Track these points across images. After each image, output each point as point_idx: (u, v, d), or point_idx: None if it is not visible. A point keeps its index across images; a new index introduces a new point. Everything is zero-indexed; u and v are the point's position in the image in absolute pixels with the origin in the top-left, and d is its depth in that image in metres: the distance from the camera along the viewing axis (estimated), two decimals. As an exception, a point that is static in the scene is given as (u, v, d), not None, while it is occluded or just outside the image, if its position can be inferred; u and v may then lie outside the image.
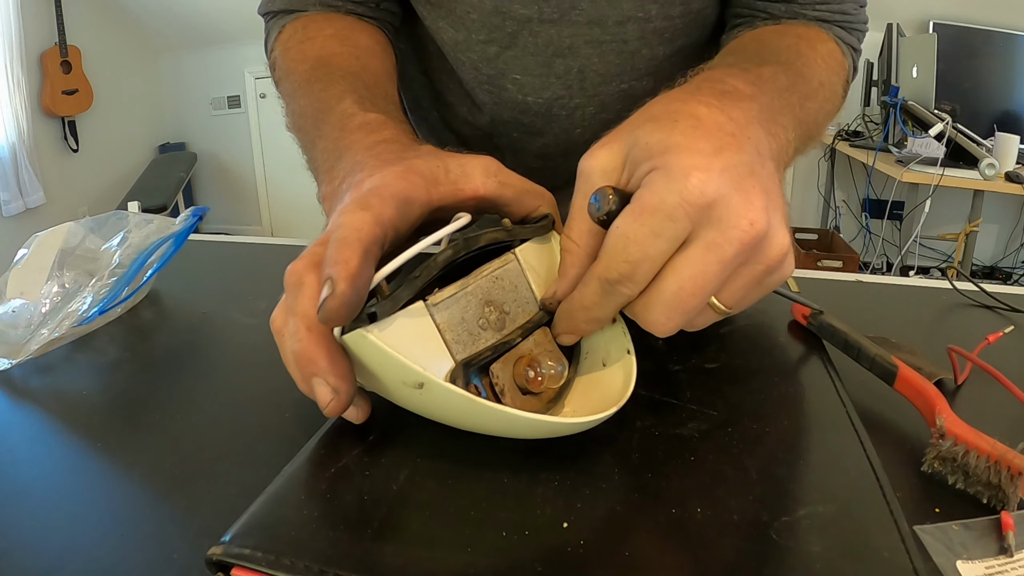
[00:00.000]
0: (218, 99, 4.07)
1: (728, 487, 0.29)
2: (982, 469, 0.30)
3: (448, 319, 0.32)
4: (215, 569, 0.25)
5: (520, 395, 0.33)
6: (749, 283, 0.30)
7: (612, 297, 0.30)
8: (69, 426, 0.38)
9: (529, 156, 0.64)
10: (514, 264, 0.35)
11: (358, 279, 0.27)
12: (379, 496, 0.28)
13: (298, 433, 0.34)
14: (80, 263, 0.52)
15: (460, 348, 0.32)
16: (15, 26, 3.10)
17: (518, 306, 0.35)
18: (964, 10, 2.89)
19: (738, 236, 0.27)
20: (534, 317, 0.35)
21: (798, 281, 0.56)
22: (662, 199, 0.27)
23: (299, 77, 0.48)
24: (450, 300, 0.32)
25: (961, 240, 2.56)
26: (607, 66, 0.57)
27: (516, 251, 0.35)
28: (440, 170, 0.33)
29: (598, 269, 0.30)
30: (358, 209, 0.29)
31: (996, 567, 0.27)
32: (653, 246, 0.28)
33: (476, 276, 0.33)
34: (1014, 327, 0.48)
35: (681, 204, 0.27)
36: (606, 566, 0.25)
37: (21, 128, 3.22)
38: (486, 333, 0.33)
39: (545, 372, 0.33)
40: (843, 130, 3.14)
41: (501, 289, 0.34)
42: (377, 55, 0.52)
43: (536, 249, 0.36)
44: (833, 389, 0.38)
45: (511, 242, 0.35)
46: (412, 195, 0.31)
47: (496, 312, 0.34)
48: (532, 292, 0.35)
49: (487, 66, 0.58)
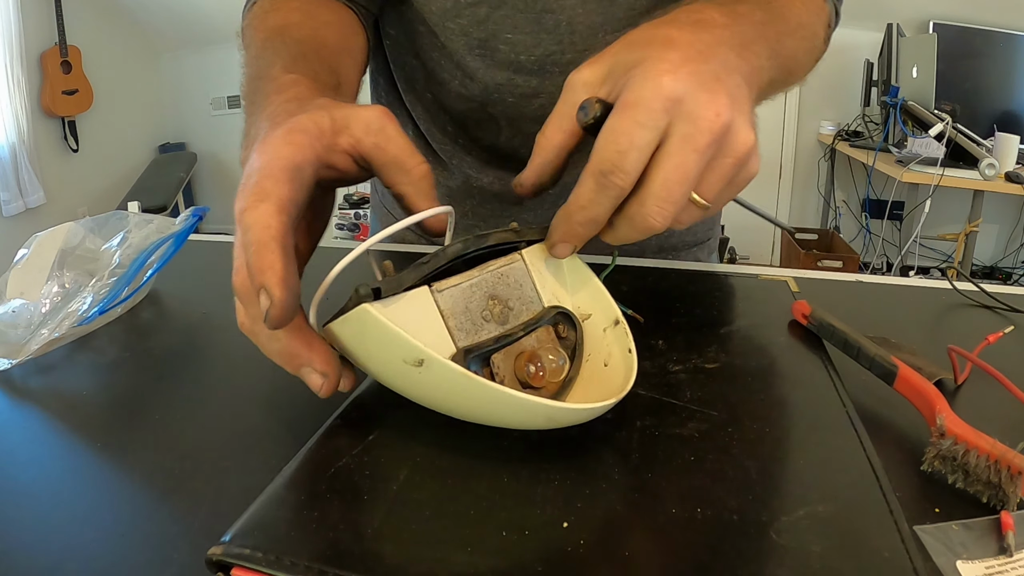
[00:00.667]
0: (218, 99, 4.08)
1: (728, 487, 0.29)
2: (982, 468, 0.30)
3: (452, 306, 0.32)
4: (215, 569, 0.25)
5: (520, 388, 0.33)
6: (722, 177, 0.33)
7: (607, 191, 0.32)
8: (69, 426, 0.38)
9: (526, 122, 0.63)
10: (520, 264, 0.36)
11: (288, 279, 0.29)
12: (379, 496, 0.28)
13: (298, 433, 0.34)
14: (80, 263, 0.52)
15: (462, 335, 0.32)
16: (15, 26, 3.10)
17: (522, 304, 0.35)
18: (964, 10, 2.89)
19: (707, 126, 0.31)
20: (537, 316, 0.35)
21: (798, 281, 0.57)
22: (639, 95, 0.31)
23: (253, 48, 0.48)
24: (455, 289, 0.33)
25: (961, 240, 2.56)
26: (591, 16, 0.58)
27: (523, 252, 0.36)
28: (325, 121, 0.34)
29: (591, 166, 0.32)
30: (259, 203, 0.30)
31: (996, 567, 0.27)
32: (638, 135, 0.31)
33: (482, 270, 0.34)
34: (1014, 327, 0.48)
35: (656, 97, 0.31)
36: (606, 566, 0.25)
37: (21, 128, 3.22)
38: (489, 325, 0.33)
39: (547, 366, 0.33)
40: (843, 130, 3.14)
41: (506, 285, 0.35)
42: (336, 29, 0.52)
43: (543, 252, 0.37)
44: (833, 389, 0.38)
45: (519, 243, 0.36)
46: (299, 159, 0.32)
47: (500, 306, 0.34)
48: (537, 292, 0.36)
49: (478, 29, 0.58)
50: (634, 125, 0.31)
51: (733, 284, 0.56)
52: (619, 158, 0.31)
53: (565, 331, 0.36)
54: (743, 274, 0.58)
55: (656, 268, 0.59)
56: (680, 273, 0.58)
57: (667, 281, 0.55)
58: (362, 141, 0.34)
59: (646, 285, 0.54)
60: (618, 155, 0.31)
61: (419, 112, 0.70)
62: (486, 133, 0.66)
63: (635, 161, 0.31)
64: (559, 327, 0.36)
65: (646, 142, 0.31)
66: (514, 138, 0.65)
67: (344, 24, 0.54)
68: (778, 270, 0.60)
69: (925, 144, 2.52)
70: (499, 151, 0.67)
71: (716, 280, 0.57)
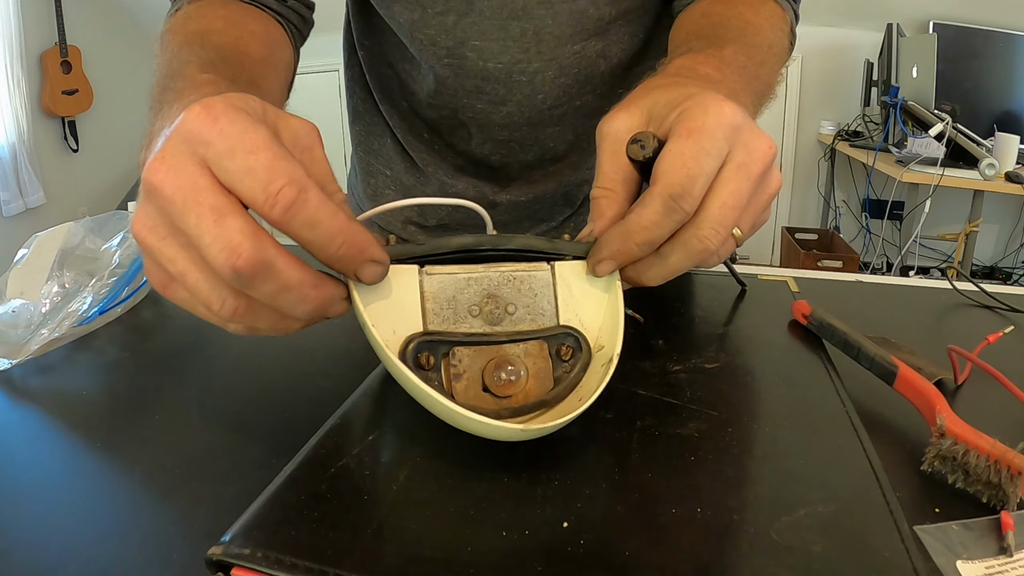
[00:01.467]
0: (218, 99, 4.07)
1: (728, 487, 0.29)
2: (982, 468, 0.30)
3: (437, 291, 0.33)
4: (215, 569, 0.25)
5: (480, 390, 0.33)
6: (758, 209, 0.34)
7: (673, 215, 0.32)
8: (69, 426, 0.38)
9: (495, 128, 0.64)
10: (546, 275, 0.35)
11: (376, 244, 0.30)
12: (379, 496, 0.28)
13: (298, 433, 0.34)
14: (80, 263, 0.52)
15: (436, 320, 0.33)
16: (15, 26, 3.10)
17: (528, 312, 0.34)
18: (964, 10, 2.89)
19: (760, 156, 0.32)
20: (540, 329, 0.34)
21: (798, 281, 0.57)
22: (704, 122, 0.31)
23: (168, 52, 0.44)
24: (446, 276, 0.33)
25: (961, 240, 2.56)
26: (560, 27, 0.58)
27: (556, 264, 0.35)
28: (258, 106, 0.30)
29: (659, 189, 0.32)
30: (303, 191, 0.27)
31: (996, 567, 0.27)
32: (705, 162, 0.31)
33: (489, 268, 0.34)
34: (1014, 327, 0.48)
35: (720, 125, 0.31)
36: (606, 566, 0.25)
37: (21, 128, 3.22)
38: (473, 320, 0.33)
39: (514, 380, 0.32)
40: (843, 130, 3.14)
41: (515, 290, 0.34)
42: (261, 40, 0.49)
43: (581, 274, 0.35)
44: (833, 389, 0.38)
45: (555, 254, 0.35)
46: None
47: (495, 307, 0.33)
48: (555, 307, 0.35)
49: (446, 37, 0.59)
50: (701, 151, 0.31)
51: (733, 284, 0.56)
52: (689, 183, 0.31)
53: (568, 355, 0.34)
54: (743, 274, 0.58)
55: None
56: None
57: (667, 281, 0.55)
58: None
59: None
60: (688, 180, 0.31)
61: (396, 121, 0.70)
62: (458, 140, 0.67)
63: (702, 187, 0.31)
64: (562, 348, 0.34)
65: (712, 168, 0.31)
66: (484, 144, 0.66)
67: (270, 37, 0.52)
68: (778, 270, 0.60)
69: (925, 144, 2.52)
70: (471, 157, 0.68)
71: (716, 280, 0.57)
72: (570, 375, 0.33)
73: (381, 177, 0.74)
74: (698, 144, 0.31)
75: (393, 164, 0.72)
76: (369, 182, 0.75)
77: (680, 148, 0.31)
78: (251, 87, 0.41)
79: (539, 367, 0.34)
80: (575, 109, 0.63)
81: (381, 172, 0.74)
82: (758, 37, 0.50)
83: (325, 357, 0.45)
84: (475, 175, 0.69)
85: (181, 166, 0.26)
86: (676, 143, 0.32)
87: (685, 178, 0.31)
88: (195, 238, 0.26)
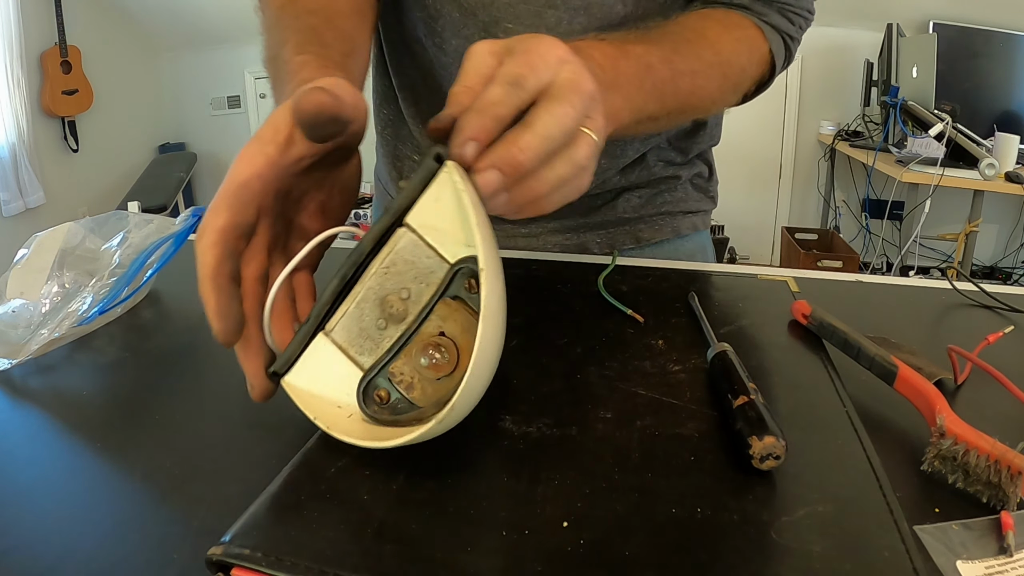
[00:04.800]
0: (218, 99, 4.07)
1: (728, 487, 0.29)
2: (982, 468, 0.30)
3: (347, 336, 0.33)
4: (215, 569, 0.25)
5: (433, 382, 0.32)
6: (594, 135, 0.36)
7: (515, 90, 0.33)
8: (69, 426, 0.38)
9: None
10: (407, 238, 0.33)
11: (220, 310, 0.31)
12: (379, 496, 0.28)
13: (298, 433, 0.34)
14: (80, 263, 0.52)
15: (366, 357, 0.33)
16: (15, 26, 3.10)
17: (420, 281, 0.33)
18: (964, 10, 2.89)
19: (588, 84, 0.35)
20: (438, 288, 0.33)
21: (798, 281, 0.57)
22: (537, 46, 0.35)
23: (268, 16, 0.50)
24: (344, 318, 0.33)
25: (961, 240, 2.56)
26: (590, 20, 0.58)
27: (407, 221, 0.33)
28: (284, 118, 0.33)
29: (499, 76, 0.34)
30: (200, 236, 0.32)
31: (996, 567, 0.27)
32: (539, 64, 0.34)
33: (363, 281, 0.33)
34: (1014, 327, 0.48)
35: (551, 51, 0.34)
36: (606, 566, 0.25)
37: (21, 128, 3.22)
38: (388, 331, 0.33)
39: (444, 354, 0.32)
40: (843, 130, 3.14)
41: (396, 275, 0.33)
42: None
43: (432, 206, 0.32)
44: (833, 389, 0.38)
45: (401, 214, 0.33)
46: (245, 176, 0.32)
47: (396, 302, 0.33)
48: (436, 253, 0.33)
49: (481, 11, 0.59)
50: (536, 56, 0.34)
51: (733, 284, 0.56)
52: (521, 77, 0.33)
53: (475, 287, 0.33)
54: (743, 274, 0.58)
55: (656, 268, 0.59)
56: (680, 273, 0.58)
57: (667, 281, 0.55)
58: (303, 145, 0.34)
59: (646, 285, 0.54)
60: (520, 75, 0.33)
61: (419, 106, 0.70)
62: None
63: (533, 83, 0.33)
64: (470, 283, 0.33)
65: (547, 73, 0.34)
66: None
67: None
68: (778, 270, 0.60)
69: (925, 144, 2.52)
70: None
71: (716, 280, 0.57)
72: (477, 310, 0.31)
73: (408, 162, 0.74)
74: (531, 52, 0.34)
75: (421, 150, 0.72)
76: (396, 166, 0.75)
77: (516, 58, 0.34)
78: (344, 43, 0.47)
79: (461, 320, 0.33)
80: None
81: (408, 157, 0.74)
82: (703, 50, 0.52)
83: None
84: None
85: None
86: (513, 56, 0.34)
87: (517, 74, 0.33)
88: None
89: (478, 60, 0.36)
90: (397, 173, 0.75)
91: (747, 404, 0.32)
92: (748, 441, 0.30)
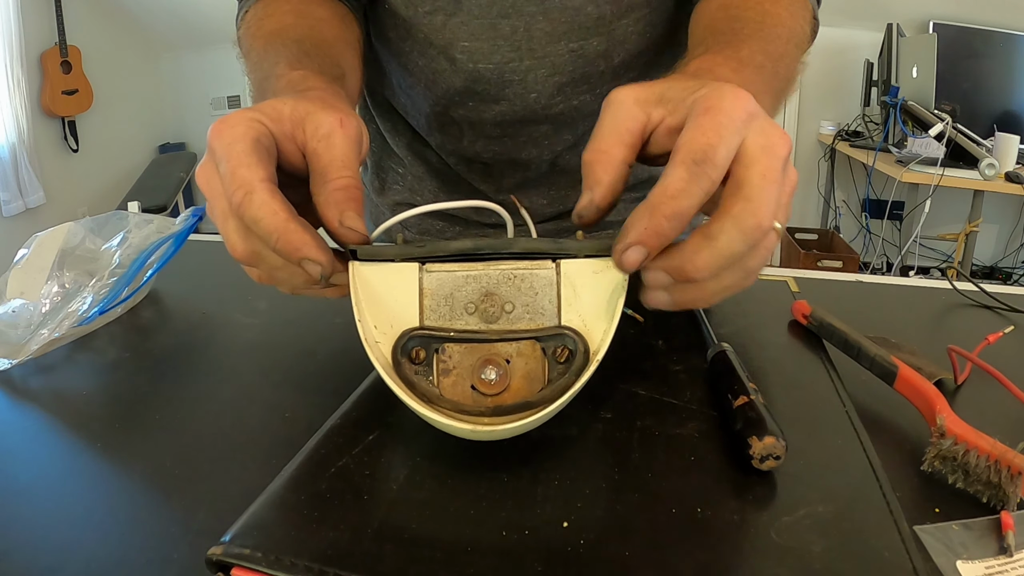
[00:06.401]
0: (218, 99, 4.07)
1: (728, 487, 0.29)
2: (982, 468, 0.30)
3: (436, 288, 0.33)
4: (215, 569, 0.25)
5: (468, 387, 0.33)
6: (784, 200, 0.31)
7: (698, 180, 0.29)
8: (69, 426, 0.38)
9: (487, 125, 0.64)
10: (549, 273, 0.33)
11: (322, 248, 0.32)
12: (379, 496, 0.28)
13: (298, 433, 0.34)
14: (80, 263, 0.52)
15: (433, 316, 0.33)
16: (15, 26, 3.10)
17: (527, 311, 0.33)
18: (964, 10, 2.89)
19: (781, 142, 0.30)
20: (538, 329, 0.33)
21: (798, 281, 0.56)
22: (720, 104, 0.30)
23: (254, 55, 0.50)
24: (445, 274, 0.33)
25: (961, 240, 2.56)
26: (552, 24, 0.57)
27: (563, 263, 0.33)
28: (286, 109, 0.34)
29: (680, 156, 0.29)
30: (249, 194, 0.31)
31: (996, 567, 0.27)
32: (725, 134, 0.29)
33: (489, 265, 0.33)
34: (1014, 327, 0.48)
35: (736, 108, 0.30)
36: (606, 566, 0.25)
37: (21, 128, 3.21)
38: (469, 318, 0.33)
39: (500, 379, 0.32)
40: (843, 130, 3.14)
41: (514, 288, 0.33)
42: (331, 24, 0.53)
43: (589, 274, 0.33)
44: (833, 389, 0.38)
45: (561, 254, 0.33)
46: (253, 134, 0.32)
47: (492, 305, 0.33)
48: (557, 307, 0.33)
49: (437, 36, 0.59)
50: (720, 125, 0.29)
51: (733, 284, 0.56)
52: (711, 150, 0.29)
53: (564, 356, 0.33)
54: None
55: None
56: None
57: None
58: (307, 143, 0.34)
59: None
60: (710, 147, 0.29)
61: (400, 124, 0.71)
62: (449, 138, 0.67)
63: (724, 157, 0.29)
64: (558, 350, 0.33)
65: (732, 143, 0.29)
66: (477, 140, 0.66)
67: (338, 18, 0.55)
68: (778, 270, 0.60)
69: (925, 144, 2.52)
70: (462, 155, 0.68)
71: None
72: (563, 378, 0.32)
73: (392, 174, 0.74)
74: (716, 119, 0.29)
75: (406, 161, 0.73)
76: (380, 176, 0.76)
77: (699, 122, 0.30)
78: (335, 68, 0.47)
79: (530, 367, 0.33)
80: (572, 108, 0.63)
81: (392, 169, 0.74)
82: (777, 29, 0.48)
83: (325, 357, 0.45)
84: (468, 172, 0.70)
85: (207, 166, 0.33)
86: (695, 119, 0.30)
87: (706, 145, 0.29)
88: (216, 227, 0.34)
89: (621, 112, 0.32)
90: (380, 184, 0.76)
91: (747, 404, 0.32)
92: (748, 441, 0.30)
